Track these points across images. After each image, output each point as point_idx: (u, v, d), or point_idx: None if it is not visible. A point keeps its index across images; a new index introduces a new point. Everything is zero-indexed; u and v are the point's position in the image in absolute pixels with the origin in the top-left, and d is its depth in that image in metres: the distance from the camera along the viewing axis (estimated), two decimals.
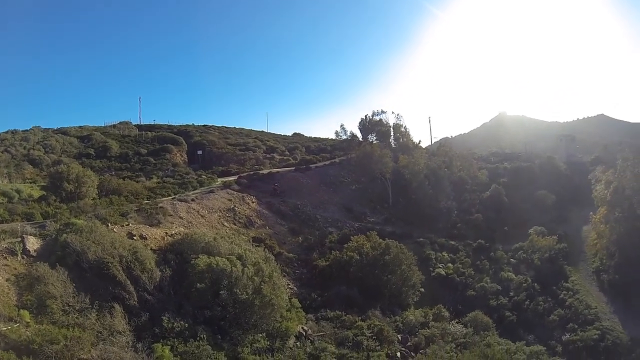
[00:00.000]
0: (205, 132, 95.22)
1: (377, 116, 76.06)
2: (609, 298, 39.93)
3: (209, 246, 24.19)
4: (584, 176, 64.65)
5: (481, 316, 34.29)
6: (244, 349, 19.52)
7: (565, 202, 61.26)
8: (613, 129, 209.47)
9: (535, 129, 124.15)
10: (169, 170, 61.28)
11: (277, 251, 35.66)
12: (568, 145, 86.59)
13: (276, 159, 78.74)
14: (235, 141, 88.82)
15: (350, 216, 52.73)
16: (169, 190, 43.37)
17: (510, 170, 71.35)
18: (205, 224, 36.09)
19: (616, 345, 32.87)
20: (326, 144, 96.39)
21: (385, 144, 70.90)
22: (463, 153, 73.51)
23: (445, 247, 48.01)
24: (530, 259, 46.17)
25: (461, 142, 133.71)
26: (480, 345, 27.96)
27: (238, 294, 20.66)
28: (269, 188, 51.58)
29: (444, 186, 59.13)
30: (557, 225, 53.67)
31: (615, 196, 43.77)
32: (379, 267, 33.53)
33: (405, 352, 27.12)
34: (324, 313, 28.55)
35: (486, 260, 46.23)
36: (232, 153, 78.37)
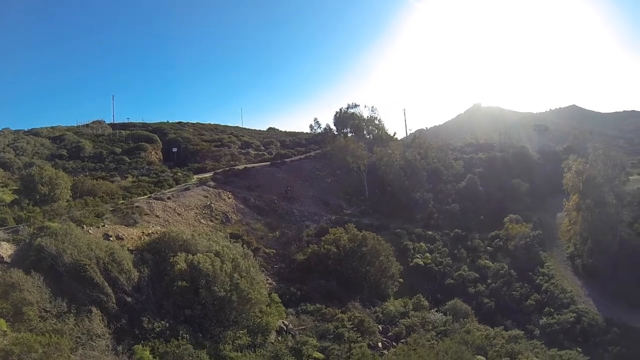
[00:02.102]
0: (180, 129, 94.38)
1: (352, 109, 76.62)
2: (583, 282, 41.17)
3: (186, 244, 23.85)
4: (557, 165, 65.27)
5: (460, 304, 34.59)
6: (225, 346, 19.29)
7: (539, 190, 62.54)
8: (584, 119, 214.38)
9: (509, 119, 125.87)
10: (144, 169, 60.33)
11: (255, 247, 35.46)
12: (541, 136, 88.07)
13: (251, 154, 78.53)
14: (211, 137, 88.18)
15: (327, 209, 52.84)
16: (145, 189, 42.85)
17: (485, 160, 72.28)
18: (182, 221, 35.79)
19: (592, 327, 33.96)
20: (301, 137, 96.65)
21: (360, 136, 71.28)
22: (438, 144, 73.93)
23: (423, 237, 48.34)
24: (507, 247, 47.09)
25: (436, 134, 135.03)
26: (460, 332, 28.37)
27: (216, 291, 20.43)
28: (246, 184, 51.31)
29: (419, 177, 59.43)
30: (531, 213, 54.93)
31: (586, 184, 44.61)
32: (356, 259, 33.48)
33: (387, 342, 27.08)
34: (304, 307, 28.41)
35: (463, 249, 46.97)
36: (207, 149, 77.60)
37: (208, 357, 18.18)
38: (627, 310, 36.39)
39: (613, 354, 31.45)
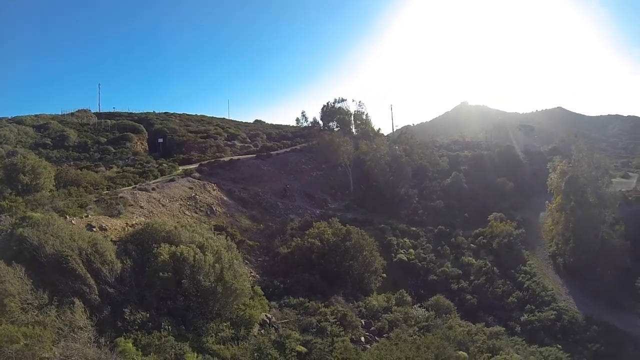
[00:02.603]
0: (166, 119, 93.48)
1: (339, 104, 76.58)
2: (565, 280, 41.79)
3: (170, 235, 23.60)
4: (541, 165, 66.12)
5: (443, 300, 34.90)
6: (208, 338, 19.24)
7: (524, 189, 63.33)
8: (570, 121, 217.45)
9: (495, 119, 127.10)
10: (129, 159, 59.78)
11: (239, 239, 35.33)
12: (527, 136, 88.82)
13: (237, 146, 78.10)
14: (197, 129, 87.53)
15: (312, 203, 52.84)
16: (130, 179, 42.59)
17: (470, 158, 72.85)
18: (167, 213, 35.56)
19: (572, 324, 34.66)
20: (287, 130, 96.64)
21: (346, 131, 71.36)
22: (424, 141, 74.38)
23: (407, 233, 48.61)
24: (490, 244, 47.64)
25: (423, 130, 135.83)
26: (442, 328, 28.58)
27: (201, 281, 20.38)
28: (231, 176, 51.17)
29: (405, 173, 59.58)
30: (515, 212, 55.48)
31: (570, 185, 45.10)
32: (340, 253, 33.50)
33: (369, 337, 27.20)
34: (287, 300, 28.48)
35: (447, 245, 47.29)
36: (193, 141, 76.96)
37: (191, 350, 18.01)
38: (606, 309, 37.05)
39: (592, 351, 31.89)
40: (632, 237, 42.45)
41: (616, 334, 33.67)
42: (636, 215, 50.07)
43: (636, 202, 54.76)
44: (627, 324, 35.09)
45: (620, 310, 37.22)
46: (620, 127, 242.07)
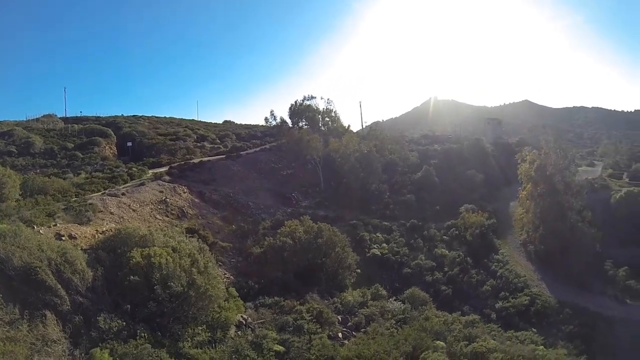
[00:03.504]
0: (135, 122, 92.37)
1: (308, 101, 76.08)
2: (536, 266, 42.69)
3: (143, 240, 23.43)
4: (510, 156, 67.17)
5: (418, 292, 35.24)
6: (185, 343, 19.07)
7: (493, 181, 64.23)
8: (537, 114, 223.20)
9: (464, 112, 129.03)
10: (97, 165, 58.54)
11: (212, 241, 35.30)
12: (495, 128, 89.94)
13: (207, 147, 77.37)
14: (166, 131, 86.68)
15: (283, 202, 52.86)
16: (99, 185, 41.85)
17: (440, 151, 73.22)
18: (137, 218, 35.12)
19: (545, 308, 35.41)
20: (257, 130, 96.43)
21: (315, 128, 71.08)
22: (394, 136, 74.59)
23: (379, 228, 48.94)
24: (463, 235, 48.13)
25: (392, 126, 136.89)
26: (419, 319, 28.69)
27: (173, 287, 20.09)
28: (201, 177, 50.98)
29: (375, 169, 59.82)
30: (486, 203, 56.14)
31: (538, 174, 45.88)
32: (312, 250, 33.59)
33: (347, 332, 27.27)
34: (262, 300, 28.45)
35: (420, 238, 47.62)
36: (162, 143, 76.14)
37: (168, 356, 17.83)
38: (578, 292, 38.02)
39: (566, 332, 32.63)
40: (598, 222, 44.05)
41: (588, 315, 34.52)
42: (602, 201, 52.05)
43: (601, 189, 56.59)
44: (598, 305, 36.06)
45: (591, 292, 38.27)
46: (586, 118, 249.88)
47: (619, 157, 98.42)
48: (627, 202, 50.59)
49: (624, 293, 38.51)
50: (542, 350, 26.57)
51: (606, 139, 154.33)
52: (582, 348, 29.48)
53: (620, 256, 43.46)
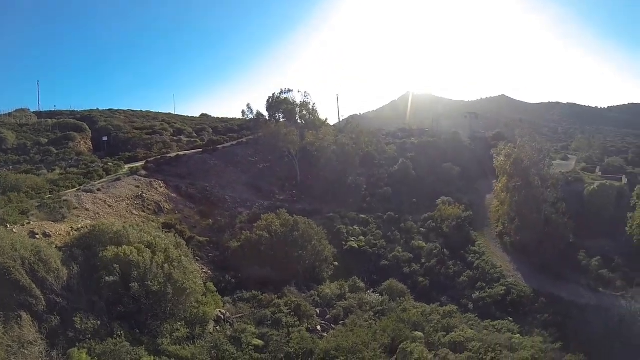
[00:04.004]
0: (110, 116, 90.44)
1: (285, 94, 74.97)
2: (512, 257, 43.38)
3: (117, 236, 23.21)
4: (486, 150, 68.40)
5: (396, 284, 35.60)
6: (163, 340, 19.08)
7: (470, 174, 64.61)
8: (513, 108, 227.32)
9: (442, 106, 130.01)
10: (72, 160, 57.20)
11: (189, 235, 35.18)
12: (472, 122, 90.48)
13: (184, 141, 76.05)
14: (142, 125, 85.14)
15: (259, 195, 52.52)
16: (74, 181, 40.80)
17: (417, 145, 73.28)
18: (113, 214, 34.66)
19: (521, 298, 35.97)
20: (233, 124, 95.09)
21: (292, 122, 70.47)
22: (371, 129, 74.44)
23: (356, 220, 48.87)
24: (439, 227, 48.45)
25: (370, 119, 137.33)
26: (397, 311, 29.23)
27: (150, 285, 20.02)
28: (178, 172, 50.44)
29: (352, 162, 59.74)
30: (462, 195, 56.51)
31: (514, 167, 46.45)
32: (289, 243, 33.66)
33: (325, 325, 27.52)
34: (240, 294, 28.49)
35: (397, 231, 47.79)
36: (139, 138, 74.58)
37: (147, 353, 17.79)
38: (552, 281, 38.74)
39: (541, 321, 33.04)
40: (572, 214, 44.57)
41: (563, 304, 35.24)
42: (575, 194, 53.23)
43: (575, 182, 57.86)
44: (572, 294, 36.86)
45: (565, 282, 38.99)
46: (560, 113, 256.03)
47: (592, 151, 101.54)
48: (600, 195, 51.93)
49: (596, 282, 39.37)
50: (519, 339, 27.53)
51: (580, 134, 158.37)
52: (557, 335, 29.91)
53: (593, 247, 44.58)
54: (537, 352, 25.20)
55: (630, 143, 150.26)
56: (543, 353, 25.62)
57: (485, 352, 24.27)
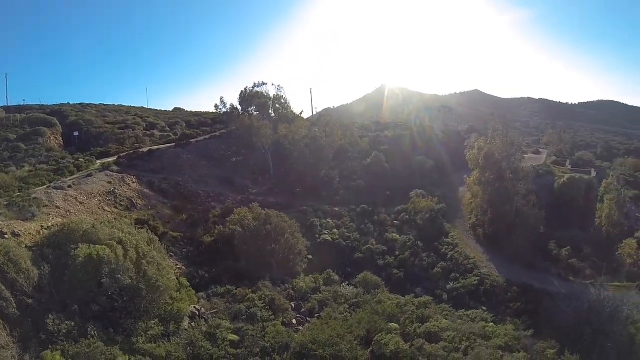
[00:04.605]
0: (82, 111, 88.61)
1: (258, 88, 74.45)
2: (485, 248, 43.94)
3: (88, 234, 22.79)
4: (459, 143, 68.56)
5: (370, 276, 35.78)
6: (138, 338, 18.87)
7: (443, 167, 65.33)
8: (486, 103, 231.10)
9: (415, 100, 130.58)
10: (42, 156, 56.12)
11: (162, 231, 34.97)
12: (445, 116, 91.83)
13: (157, 135, 75.44)
14: (114, 119, 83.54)
15: (233, 189, 52.30)
16: (44, 178, 40.21)
17: (391, 138, 73.64)
18: (85, 211, 33.99)
19: (494, 288, 36.74)
20: (207, 117, 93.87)
21: (265, 115, 70.08)
22: (345, 122, 74.24)
23: (330, 213, 49.13)
24: (413, 220, 48.82)
25: (344, 113, 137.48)
26: (372, 303, 29.36)
27: (122, 280, 19.85)
28: (150, 167, 50.03)
29: (325, 155, 59.59)
30: (436, 188, 57.10)
31: (486, 161, 46.84)
32: (261, 237, 33.51)
33: (301, 318, 27.64)
34: (215, 289, 28.45)
35: (370, 223, 48.02)
36: (111, 132, 73.44)
37: (122, 353, 17.57)
38: (524, 271, 39.49)
39: (514, 309, 33.82)
40: (543, 206, 45.61)
41: (534, 292, 35.81)
42: (546, 187, 55.01)
43: (546, 175, 59.81)
44: (543, 283, 37.65)
45: (536, 271, 39.85)
46: (532, 108, 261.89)
47: (562, 145, 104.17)
48: (569, 187, 53.80)
49: (567, 271, 40.47)
50: (492, 327, 28.04)
51: (551, 128, 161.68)
52: (529, 323, 30.40)
53: (563, 237, 45.97)
54: (510, 340, 25.66)
55: (599, 138, 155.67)
56: (516, 340, 26.09)
57: (460, 341, 24.70)
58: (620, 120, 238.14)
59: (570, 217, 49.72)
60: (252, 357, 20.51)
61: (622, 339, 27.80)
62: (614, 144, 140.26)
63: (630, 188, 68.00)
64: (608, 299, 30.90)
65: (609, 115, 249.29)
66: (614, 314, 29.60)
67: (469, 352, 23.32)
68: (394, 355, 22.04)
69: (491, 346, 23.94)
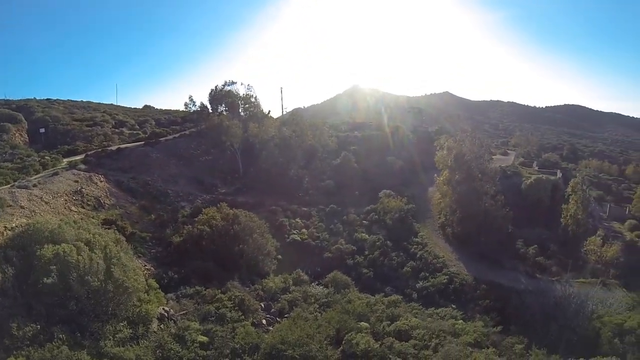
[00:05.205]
0: (48, 107, 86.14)
1: (228, 87, 73.67)
2: (454, 247, 44.54)
3: (53, 235, 22.28)
4: (429, 144, 69.55)
5: (339, 275, 35.97)
6: (106, 342, 18.49)
7: (413, 167, 65.59)
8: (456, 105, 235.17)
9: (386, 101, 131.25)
10: (6, 154, 54.13)
11: (130, 231, 34.62)
12: (416, 117, 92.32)
13: (126, 133, 74.30)
14: (82, 116, 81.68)
15: (202, 189, 52.00)
16: (7, 177, 39.25)
17: (360, 138, 73.81)
18: (50, 211, 33.12)
19: (463, 286, 37.34)
20: (177, 116, 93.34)
21: (235, 114, 69.47)
22: (315, 122, 74.08)
23: (299, 213, 49.14)
24: (382, 220, 49.08)
25: (314, 113, 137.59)
26: (341, 302, 29.56)
27: (89, 282, 19.40)
28: (119, 165, 49.45)
29: (294, 154, 59.69)
30: (405, 188, 57.45)
31: (456, 161, 47.51)
32: (229, 237, 33.57)
33: (271, 319, 27.70)
34: (184, 290, 28.13)
35: (339, 223, 48.18)
36: (78, 129, 71.88)
37: (89, 357, 17.23)
38: (492, 269, 40.22)
39: (483, 307, 34.35)
40: (510, 206, 46.20)
41: (502, 290, 36.61)
42: (514, 187, 55.82)
43: (514, 175, 60.64)
44: (511, 280, 38.49)
45: (504, 269, 40.68)
46: (501, 111, 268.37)
47: (529, 147, 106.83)
48: (536, 188, 54.81)
49: (533, 268, 41.44)
50: (461, 324, 28.51)
51: (519, 131, 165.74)
52: (498, 319, 31.17)
53: (530, 236, 47.00)
54: (479, 336, 26.25)
55: (565, 140, 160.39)
56: (485, 337, 26.75)
57: (429, 338, 25.05)
58: (585, 124, 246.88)
59: (537, 217, 50.81)
60: (221, 358, 20.41)
61: (587, 333, 28.56)
62: (579, 146, 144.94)
63: (594, 188, 70.25)
64: (573, 295, 31.93)
65: (574, 118, 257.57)
66: (579, 309, 30.62)
67: (438, 349, 23.57)
68: (364, 354, 22.13)
69: (461, 343, 24.30)
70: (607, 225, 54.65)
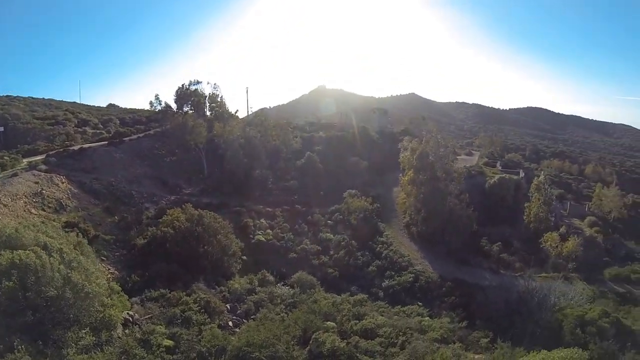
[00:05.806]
0: (7, 104, 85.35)
1: (194, 86, 72.65)
2: (419, 246, 45.16)
3: (11, 239, 21.40)
4: (394, 145, 70.28)
5: (305, 276, 36.09)
6: (69, 350, 17.93)
7: (378, 167, 66.20)
8: (421, 106, 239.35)
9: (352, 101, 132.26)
10: None
11: (93, 234, 34.02)
12: (381, 118, 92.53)
13: (89, 133, 73.29)
14: (44, 114, 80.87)
15: (166, 189, 51.65)
16: None
17: (325, 138, 74.01)
18: (9, 214, 32.27)
19: (428, 284, 38.09)
20: (141, 115, 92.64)
21: (200, 114, 68.81)
22: (279, 122, 74.08)
23: (263, 214, 49.19)
24: (347, 220, 49.26)
25: (280, 113, 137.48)
26: (307, 302, 29.55)
27: (45, 291, 18.64)
28: (81, 166, 48.48)
29: (258, 155, 59.51)
30: (370, 188, 57.93)
31: (420, 161, 48.24)
32: (193, 238, 33.32)
33: (237, 320, 27.59)
34: (149, 294, 27.68)
35: (304, 223, 48.31)
36: (39, 128, 71.06)
37: None
38: (457, 267, 41.21)
39: (448, 303, 35.28)
40: (474, 204, 47.25)
41: (467, 286, 37.61)
42: (478, 186, 57.16)
43: (478, 175, 62.18)
44: (476, 277, 39.51)
45: (469, 266, 41.72)
46: (466, 112, 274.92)
47: (493, 148, 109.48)
48: (500, 187, 56.37)
49: (497, 265, 42.60)
50: (428, 321, 28.98)
51: (483, 132, 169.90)
52: (464, 315, 31.86)
53: (493, 233, 48.19)
54: (445, 332, 26.63)
55: (527, 141, 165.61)
56: (451, 332, 27.20)
57: (396, 336, 25.19)
58: (547, 126, 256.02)
59: (500, 215, 52.23)
60: None
61: (550, 325, 29.36)
62: (541, 147, 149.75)
63: (556, 187, 72.36)
64: (536, 289, 33.02)
65: (537, 120, 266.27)
66: (542, 302, 31.71)
67: (405, 346, 23.70)
68: (331, 353, 22.02)
69: (427, 339, 24.53)
70: (568, 222, 56.58)
